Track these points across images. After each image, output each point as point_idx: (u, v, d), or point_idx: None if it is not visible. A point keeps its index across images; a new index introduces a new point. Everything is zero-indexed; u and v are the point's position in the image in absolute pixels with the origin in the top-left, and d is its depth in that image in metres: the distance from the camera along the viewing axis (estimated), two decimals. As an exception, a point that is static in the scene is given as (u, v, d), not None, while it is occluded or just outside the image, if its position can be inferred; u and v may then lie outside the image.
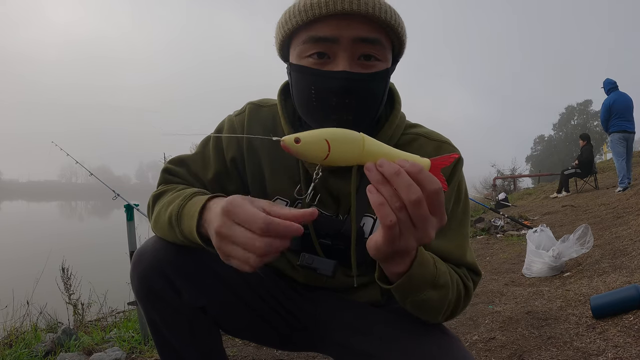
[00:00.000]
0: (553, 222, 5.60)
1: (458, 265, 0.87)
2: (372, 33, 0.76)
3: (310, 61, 0.77)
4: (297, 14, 0.76)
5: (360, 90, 0.76)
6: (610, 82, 7.11)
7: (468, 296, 0.87)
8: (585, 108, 54.35)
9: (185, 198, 0.76)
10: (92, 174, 2.96)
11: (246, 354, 1.92)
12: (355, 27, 0.75)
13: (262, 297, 0.98)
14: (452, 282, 0.79)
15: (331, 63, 0.77)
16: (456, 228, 0.89)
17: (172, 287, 0.85)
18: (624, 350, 1.59)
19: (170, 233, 0.79)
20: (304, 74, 0.78)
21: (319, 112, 0.79)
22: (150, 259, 0.85)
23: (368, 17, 0.74)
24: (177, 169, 0.95)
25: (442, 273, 0.75)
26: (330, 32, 0.75)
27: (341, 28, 0.74)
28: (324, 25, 0.75)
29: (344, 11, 0.72)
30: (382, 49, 0.78)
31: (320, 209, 0.92)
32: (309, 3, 0.74)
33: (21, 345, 2.06)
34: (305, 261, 0.91)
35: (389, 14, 0.75)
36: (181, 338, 0.90)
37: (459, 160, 0.89)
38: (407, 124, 0.93)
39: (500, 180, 18.84)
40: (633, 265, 2.64)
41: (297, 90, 0.82)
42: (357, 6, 0.72)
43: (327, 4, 0.73)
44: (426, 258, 0.72)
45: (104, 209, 29.23)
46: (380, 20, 0.75)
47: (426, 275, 0.71)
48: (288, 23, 0.79)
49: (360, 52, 0.76)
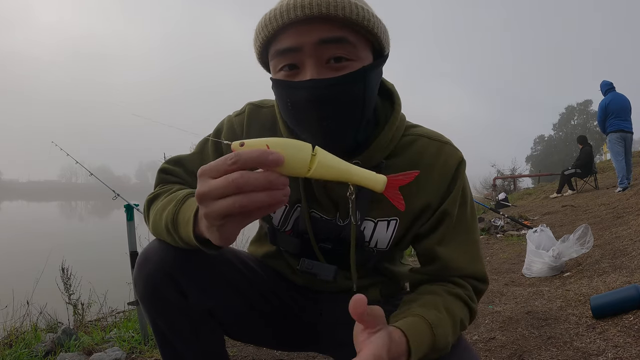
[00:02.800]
0: (553, 222, 5.60)
1: (464, 275, 0.87)
2: (334, 32, 0.72)
3: (282, 74, 0.76)
4: (262, 30, 0.75)
5: (332, 95, 0.73)
6: (607, 83, 7.12)
7: (472, 318, 0.88)
8: (585, 108, 54.36)
9: (178, 202, 0.75)
10: (92, 174, 2.96)
11: (246, 354, 1.92)
12: (316, 30, 0.71)
13: (266, 297, 0.98)
14: (456, 325, 0.80)
15: (300, 73, 0.74)
16: (464, 233, 0.88)
17: (179, 290, 0.85)
18: (624, 350, 1.59)
19: (169, 239, 0.78)
20: (279, 88, 0.77)
21: (301, 123, 0.78)
22: (157, 260, 0.83)
23: (328, 18, 0.71)
24: (174, 169, 0.94)
25: (441, 336, 0.74)
26: (291, 42, 0.73)
27: (301, 35, 0.72)
28: (286, 36, 0.73)
29: (301, 17, 0.70)
30: (351, 48, 0.74)
31: (320, 213, 0.91)
32: (269, 17, 0.73)
33: (21, 345, 2.06)
34: (305, 267, 0.91)
35: (348, 9, 0.71)
36: (185, 341, 0.89)
37: (461, 162, 0.88)
38: (408, 125, 0.91)
39: (500, 180, 18.84)
40: (633, 265, 2.64)
41: (279, 104, 0.81)
42: (310, 10, 0.69)
43: (282, 14, 0.71)
44: (420, 342, 0.70)
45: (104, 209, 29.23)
46: (340, 18, 0.71)
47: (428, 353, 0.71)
48: (257, 40, 0.78)
49: (327, 55, 0.73)
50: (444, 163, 0.87)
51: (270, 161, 0.50)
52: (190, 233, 0.68)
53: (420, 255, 0.91)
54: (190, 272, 0.85)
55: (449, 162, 0.87)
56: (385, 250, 0.92)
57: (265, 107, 0.96)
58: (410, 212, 0.87)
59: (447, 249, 0.87)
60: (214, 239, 0.58)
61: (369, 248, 0.91)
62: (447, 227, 0.87)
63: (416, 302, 0.81)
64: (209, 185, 0.52)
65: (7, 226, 18.11)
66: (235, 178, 0.50)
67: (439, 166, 0.86)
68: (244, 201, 0.51)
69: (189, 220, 0.68)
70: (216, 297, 0.89)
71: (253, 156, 0.50)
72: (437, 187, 0.86)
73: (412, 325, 0.72)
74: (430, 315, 0.75)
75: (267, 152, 0.51)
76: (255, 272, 0.99)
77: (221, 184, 0.51)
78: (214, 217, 0.54)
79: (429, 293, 0.84)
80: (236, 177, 0.50)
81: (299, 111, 0.76)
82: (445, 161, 0.87)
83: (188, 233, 0.68)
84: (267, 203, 0.51)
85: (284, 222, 0.94)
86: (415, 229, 0.90)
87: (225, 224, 0.54)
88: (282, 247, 0.99)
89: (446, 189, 0.87)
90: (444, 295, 0.83)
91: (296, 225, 0.93)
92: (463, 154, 0.90)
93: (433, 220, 0.87)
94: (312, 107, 0.74)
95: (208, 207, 0.53)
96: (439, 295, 0.83)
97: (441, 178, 0.86)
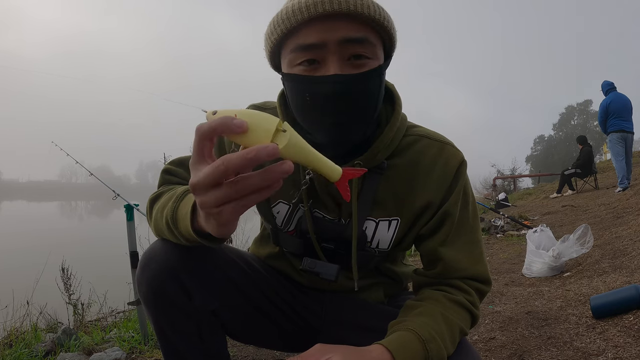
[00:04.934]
0: (553, 222, 5.61)
1: (467, 277, 0.87)
2: (359, 32, 0.74)
3: (301, 69, 0.76)
4: (281, 23, 0.75)
5: (353, 90, 0.75)
6: (608, 83, 7.12)
7: (474, 323, 0.88)
8: (585, 108, 54.40)
9: (177, 199, 0.75)
10: (92, 174, 2.95)
11: (246, 354, 1.92)
12: (341, 28, 0.73)
13: (269, 298, 0.98)
14: (454, 334, 0.80)
15: (322, 68, 0.75)
16: (466, 234, 0.89)
17: (184, 290, 0.84)
18: (624, 350, 1.59)
19: (171, 236, 0.78)
20: (297, 83, 0.77)
21: (316, 117, 0.78)
22: (161, 260, 0.83)
23: (352, 16, 0.72)
24: (177, 170, 0.94)
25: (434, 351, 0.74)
26: (316, 38, 0.73)
27: (326, 31, 0.73)
28: (309, 31, 0.73)
29: (326, 12, 0.71)
30: (371, 47, 0.76)
31: (323, 213, 0.91)
32: (291, 10, 0.73)
33: (21, 345, 2.06)
34: (308, 265, 0.91)
35: (372, 9, 0.72)
36: (188, 341, 0.89)
37: (462, 163, 0.88)
38: (409, 125, 0.91)
39: (500, 180, 18.86)
40: (633, 265, 2.64)
41: (292, 99, 0.81)
42: (339, 5, 0.70)
43: (309, 8, 0.71)
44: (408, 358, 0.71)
45: (104, 209, 29.21)
46: (364, 17, 0.72)
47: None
48: (274, 33, 0.77)
49: (349, 52, 0.74)
50: (445, 164, 0.87)
51: (234, 125, 0.49)
52: (188, 226, 0.67)
53: (424, 257, 0.92)
54: (194, 273, 0.85)
55: (450, 163, 0.87)
56: (386, 251, 0.92)
57: (267, 108, 0.96)
58: (411, 212, 0.88)
59: (449, 250, 0.87)
60: (212, 228, 0.58)
61: (371, 248, 0.91)
62: (449, 228, 0.87)
63: (413, 312, 0.82)
64: (200, 175, 0.51)
65: (7, 226, 18.11)
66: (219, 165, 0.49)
67: (440, 166, 0.87)
68: (238, 185, 0.50)
69: (187, 214, 0.68)
70: (220, 298, 0.89)
71: (217, 122, 0.49)
72: (438, 187, 0.87)
73: (400, 341, 0.73)
74: (424, 330, 0.76)
75: (230, 117, 0.50)
76: (258, 272, 0.98)
77: (209, 171, 0.50)
78: (209, 206, 0.53)
79: (429, 300, 0.85)
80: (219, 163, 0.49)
81: (316, 106, 0.76)
82: (446, 162, 0.87)
83: (187, 227, 0.68)
84: (260, 186, 0.50)
85: (287, 222, 0.94)
86: (416, 229, 0.90)
87: (221, 211, 0.53)
88: (285, 248, 0.99)
89: (447, 189, 0.87)
90: (444, 302, 0.83)
91: (299, 226, 0.93)
92: (464, 155, 0.90)
93: (435, 221, 0.88)
94: (333, 101, 0.74)
95: (202, 195, 0.53)
96: (439, 303, 0.83)
97: (442, 178, 0.87)
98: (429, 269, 0.90)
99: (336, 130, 0.77)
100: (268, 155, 0.48)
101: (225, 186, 0.51)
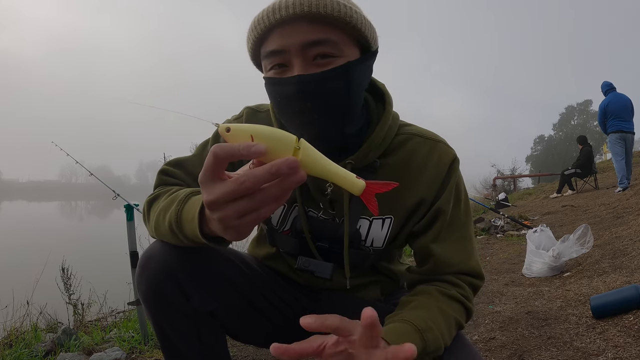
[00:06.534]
0: (553, 222, 5.61)
1: (460, 272, 0.87)
2: (318, 33, 0.74)
3: (273, 73, 0.79)
4: (252, 31, 0.78)
5: (318, 89, 0.75)
6: (608, 84, 7.12)
7: (469, 316, 0.88)
8: (585, 108, 54.42)
9: (180, 202, 0.75)
10: (92, 174, 2.95)
11: (246, 354, 1.92)
12: (300, 31, 0.73)
13: (267, 298, 0.98)
14: (450, 325, 0.80)
15: (289, 71, 0.77)
16: (458, 231, 0.89)
17: (182, 291, 0.84)
18: (624, 350, 1.59)
19: (173, 239, 0.78)
20: (270, 86, 0.80)
21: (290, 117, 0.80)
22: (159, 261, 0.83)
23: (311, 17, 0.73)
24: (174, 170, 0.95)
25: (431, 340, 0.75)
26: (277, 44, 0.75)
27: (287, 37, 0.74)
28: (273, 37, 0.76)
29: (285, 17, 0.72)
30: (334, 45, 0.75)
31: (317, 212, 0.92)
32: (258, 19, 0.76)
33: (21, 345, 2.06)
34: (302, 264, 0.92)
35: (330, 7, 0.72)
36: (188, 342, 0.89)
37: (454, 160, 0.89)
38: (401, 124, 0.92)
39: (500, 180, 18.85)
40: (633, 265, 2.64)
41: (271, 101, 0.85)
42: (293, 9, 0.71)
43: (269, 16, 0.74)
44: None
45: (104, 209, 29.22)
46: (323, 16, 0.72)
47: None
48: (249, 41, 0.81)
49: (313, 53, 0.75)
50: (437, 161, 0.88)
51: (254, 152, 0.50)
52: (196, 231, 0.67)
53: (416, 254, 0.92)
54: (192, 273, 0.85)
55: (442, 160, 0.88)
56: (381, 249, 0.93)
57: (262, 111, 0.97)
58: (403, 209, 0.88)
59: (441, 246, 0.87)
60: (231, 236, 0.59)
61: (366, 247, 0.92)
62: (441, 224, 0.88)
63: (409, 306, 0.82)
64: (217, 192, 0.53)
65: (7, 226, 18.11)
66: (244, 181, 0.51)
67: (432, 164, 0.87)
68: (258, 197, 0.52)
69: (194, 217, 0.68)
70: (218, 299, 0.89)
71: (237, 148, 0.50)
72: (430, 184, 0.87)
73: (397, 331, 0.73)
74: (420, 320, 0.76)
75: (250, 144, 0.51)
76: (256, 272, 0.99)
77: (231, 188, 0.51)
78: (231, 219, 0.54)
79: (423, 294, 0.85)
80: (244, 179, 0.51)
81: (288, 107, 0.78)
82: (438, 159, 0.88)
83: (194, 230, 0.68)
84: (278, 195, 0.52)
85: (283, 221, 0.95)
86: (409, 226, 0.91)
87: (242, 223, 0.55)
88: (280, 248, 1.00)
89: (440, 186, 0.88)
90: (438, 296, 0.84)
91: (294, 225, 0.93)
92: (463, 154, 0.91)
93: (427, 218, 0.88)
94: (299, 101, 0.76)
95: (222, 211, 0.54)
96: (433, 296, 0.84)
97: (434, 175, 0.87)
98: (422, 265, 0.91)
99: (310, 129, 0.79)
100: (289, 169, 0.50)
101: (246, 199, 0.52)
